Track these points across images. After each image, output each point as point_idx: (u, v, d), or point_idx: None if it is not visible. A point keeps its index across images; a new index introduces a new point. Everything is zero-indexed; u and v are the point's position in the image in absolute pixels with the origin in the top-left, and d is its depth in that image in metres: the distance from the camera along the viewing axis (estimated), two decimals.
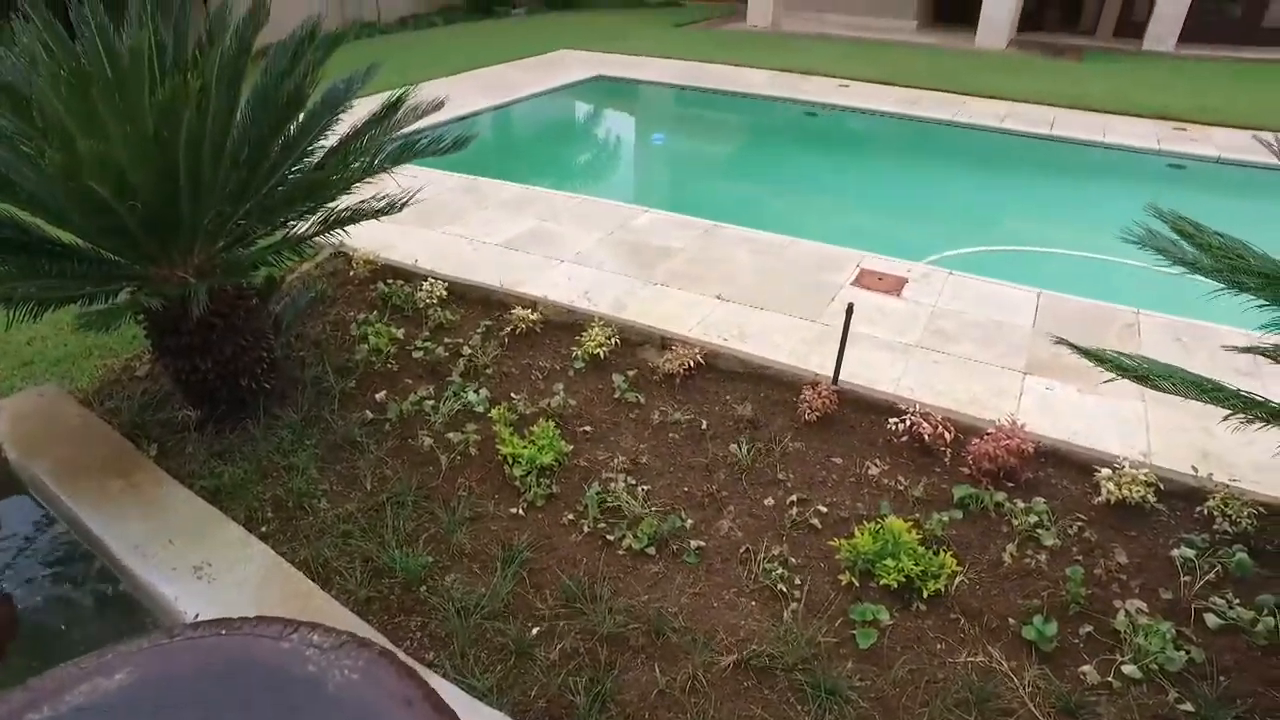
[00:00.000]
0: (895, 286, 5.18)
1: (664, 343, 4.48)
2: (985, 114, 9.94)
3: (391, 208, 3.61)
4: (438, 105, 4.12)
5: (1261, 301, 2.41)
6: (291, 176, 3.87)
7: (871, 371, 4.25)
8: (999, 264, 6.14)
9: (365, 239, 5.32)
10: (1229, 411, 2.20)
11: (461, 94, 10.22)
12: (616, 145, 10.80)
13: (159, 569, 3.11)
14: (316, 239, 3.72)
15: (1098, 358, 2.33)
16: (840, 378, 4.05)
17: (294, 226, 3.70)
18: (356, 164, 3.71)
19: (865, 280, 5.25)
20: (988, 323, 4.84)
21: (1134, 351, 4.73)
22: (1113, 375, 2.32)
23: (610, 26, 16.54)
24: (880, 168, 9.43)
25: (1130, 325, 4.94)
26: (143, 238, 3.34)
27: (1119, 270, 5.76)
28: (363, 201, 3.61)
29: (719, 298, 4.97)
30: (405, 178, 4.23)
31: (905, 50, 14.28)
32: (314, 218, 3.65)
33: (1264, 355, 2.01)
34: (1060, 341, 2.70)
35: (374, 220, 3.69)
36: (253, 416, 3.98)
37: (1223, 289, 2.55)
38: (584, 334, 4.48)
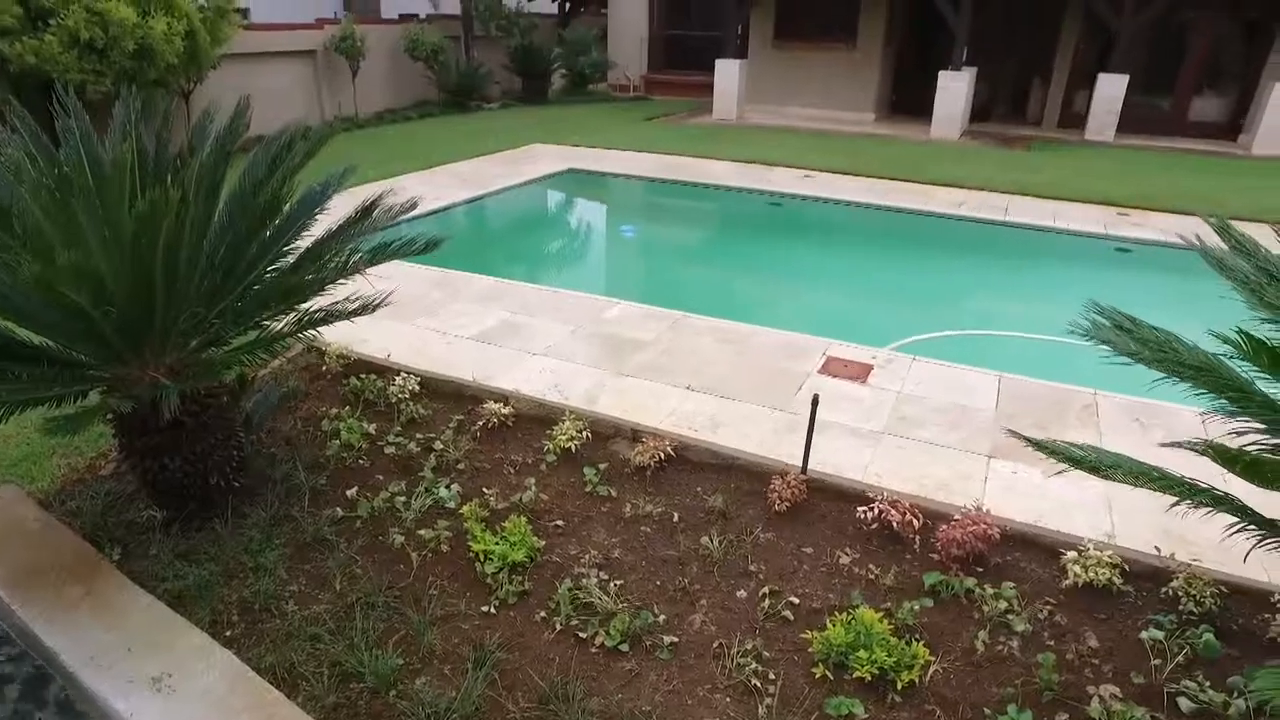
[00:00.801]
0: (861, 373, 5.31)
1: (635, 435, 4.53)
2: (943, 201, 10.38)
3: (365, 309, 3.68)
4: (411, 206, 4.24)
5: (1198, 390, 2.53)
6: (268, 277, 3.94)
7: (840, 459, 4.32)
8: (962, 348, 6.33)
9: (339, 333, 5.36)
10: (1175, 499, 2.29)
11: (437, 187, 10.50)
12: (587, 237, 11.08)
13: (114, 681, 3.02)
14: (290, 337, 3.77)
15: (1049, 450, 2.42)
16: (809, 466, 4.12)
17: (268, 327, 3.75)
18: (331, 265, 3.80)
19: (832, 368, 5.38)
20: (952, 407, 4.96)
21: (1095, 431, 4.93)
22: (1065, 466, 2.40)
23: (581, 121, 17.15)
24: (844, 255, 9.74)
25: (1089, 406, 5.08)
26: (116, 341, 3.38)
27: (1076, 352, 5.93)
28: (336, 302, 3.68)
29: (689, 388, 5.06)
30: (380, 272, 4.32)
31: (865, 141, 14.95)
32: (288, 318, 3.71)
33: (1190, 449, 2.11)
34: (1013, 434, 2.79)
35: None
36: (221, 515, 3.94)
37: (1163, 377, 2.68)
38: (556, 427, 4.52)
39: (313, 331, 3.75)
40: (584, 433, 4.49)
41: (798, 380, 5.21)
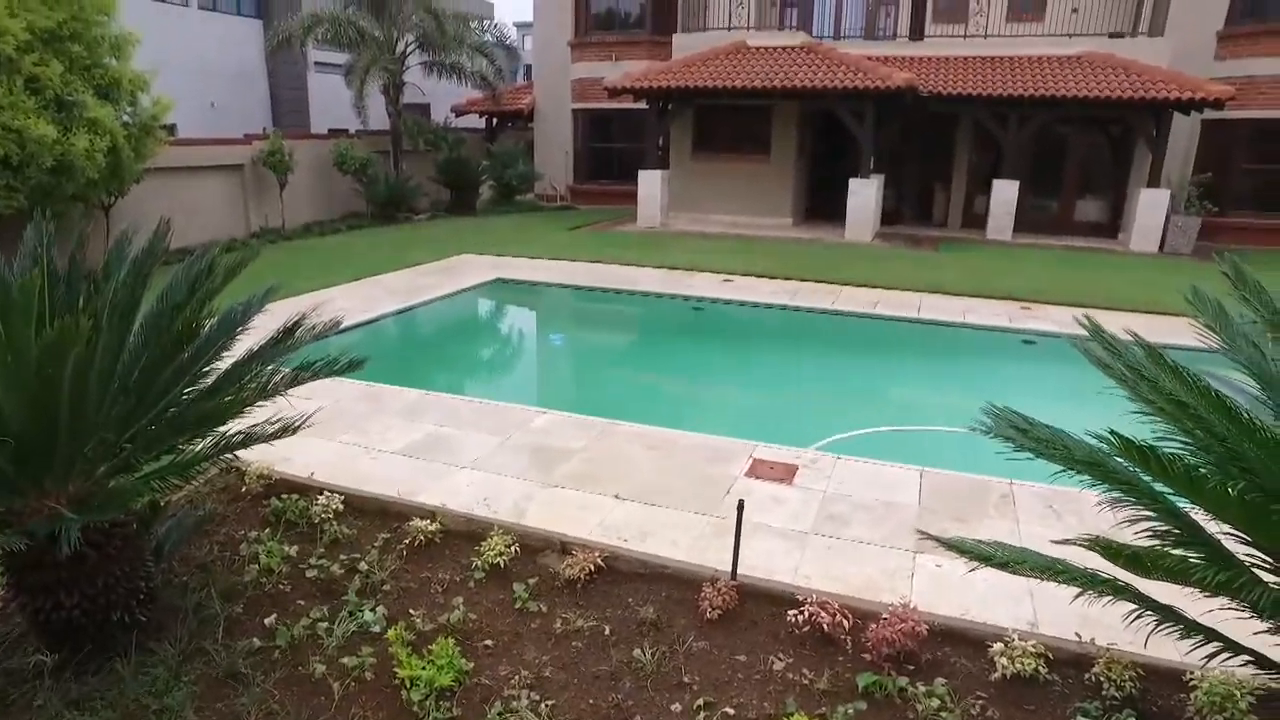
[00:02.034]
0: (787, 474, 5.41)
1: (564, 547, 4.49)
2: (859, 301, 10.87)
3: (286, 430, 3.63)
4: (334, 325, 4.25)
5: (1092, 480, 2.68)
6: (184, 400, 3.86)
7: (770, 562, 4.35)
8: (884, 444, 6.52)
9: (260, 452, 5.17)
10: (1078, 590, 2.39)
11: (365, 299, 10.50)
12: (515, 346, 11.17)
13: None
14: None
15: (960, 549, 2.51)
16: (739, 571, 4.13)
17: (183, 451, 3.64)
18: (252, 387, 3.75)
19: (758, 470, 5.47)
20: (876, 504, 5.08)
21: (1013, 519, 5.09)
22: (976, 565, 2.50)
23: (508, 231, 17.52)
24: (766, 357, 10.03)
25: (1006, 496, 5.28)
26: (11, 472, 3.23)
27: (991, 443, 6.22)
28: (257, 425, 3.62)
29: (617, 497, 5.06)
30: (305, 388, 4.25)
31: (783, 245, 15.65)
32: (205, 442, 3.62)
33: (1080, 546, 2.24)
34: (926, 537, 2.89)
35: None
36: (123, 654, 3.69)
37: (1061, 470, 2.84)
38: (484, 542, 4.44)
39: (231, 455, 3.66)
40: (512, 547, 4.42)
41: (725, 484, 5.28)
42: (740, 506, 4.00)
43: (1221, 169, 17.16)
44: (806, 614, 3.82)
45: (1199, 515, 2.49)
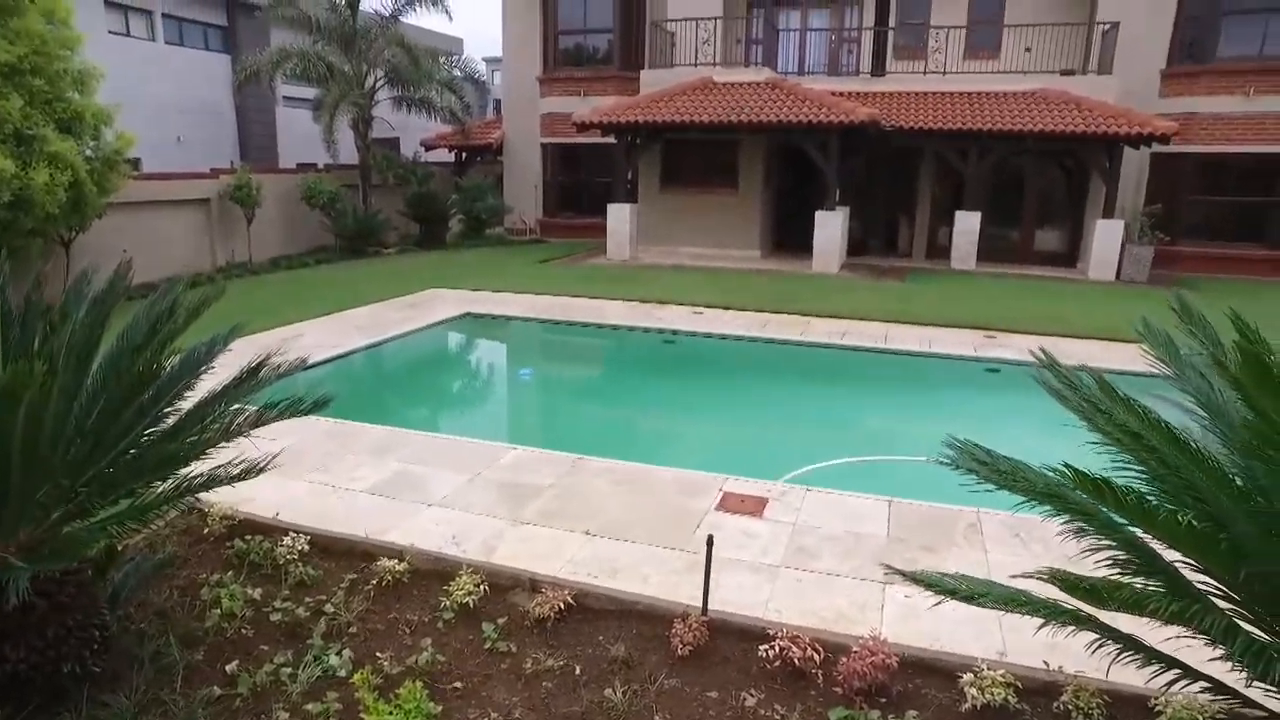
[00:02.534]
0: (757, 507, 5.42)
1: (534, 585, 4.45)
2: (827, 332, 10.99)
3: (249, 472, 3.57)
4: (301, 364, 4.22)
5: (1053, 510, 2.73)
6: (144, 442, 3.79)
7: (741, 596, 4.34)
8: (853, 475, 6.57)
9: (223, 492, 5.07)
10: (1041, 621, 2.42)
11: (333, 334, 10.42)
12: (485, 382, 11.11)
13: None
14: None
15: (925, 583, 2.54)
16: (710, 607, 4.12)
17: (142, 495, 3.57)
18: (215, 427, 3.69)
19: (728, 503, 5.48)
20: (846, 536, 5.11)
21: (980, 549, 5.14)
22: (941, 598, 2.52)
23: (477, 265, 17.52)
24: (736, 389, 10.08)
25: (973, 525, 5.33)
26: None
27: (957, 472, 6.30)
28: (219, 466, 3.56)
29: (587, 533, 5.04)
30: (270, 425, 4.20)
31: (751, 277, 15.81)
32: (165, 485, 3.55)
33: (1038, 579, 2.28)
34: (891, 571, 2.92)
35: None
36: (74, 709, 3.56)
37: (1024, 500, 2.88)
38: (453, 582, 4.39)
39: (192, 497, 3.59)
40: (481, 586, 4.37)
41: (695, 518, 5.27)
42: (710, 542, 4.00)
43: (1171, 200, 17.74)
44: (778, 649, 3.81)
45: (1157, 543, 2.55)
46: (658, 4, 20.98)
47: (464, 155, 25.38)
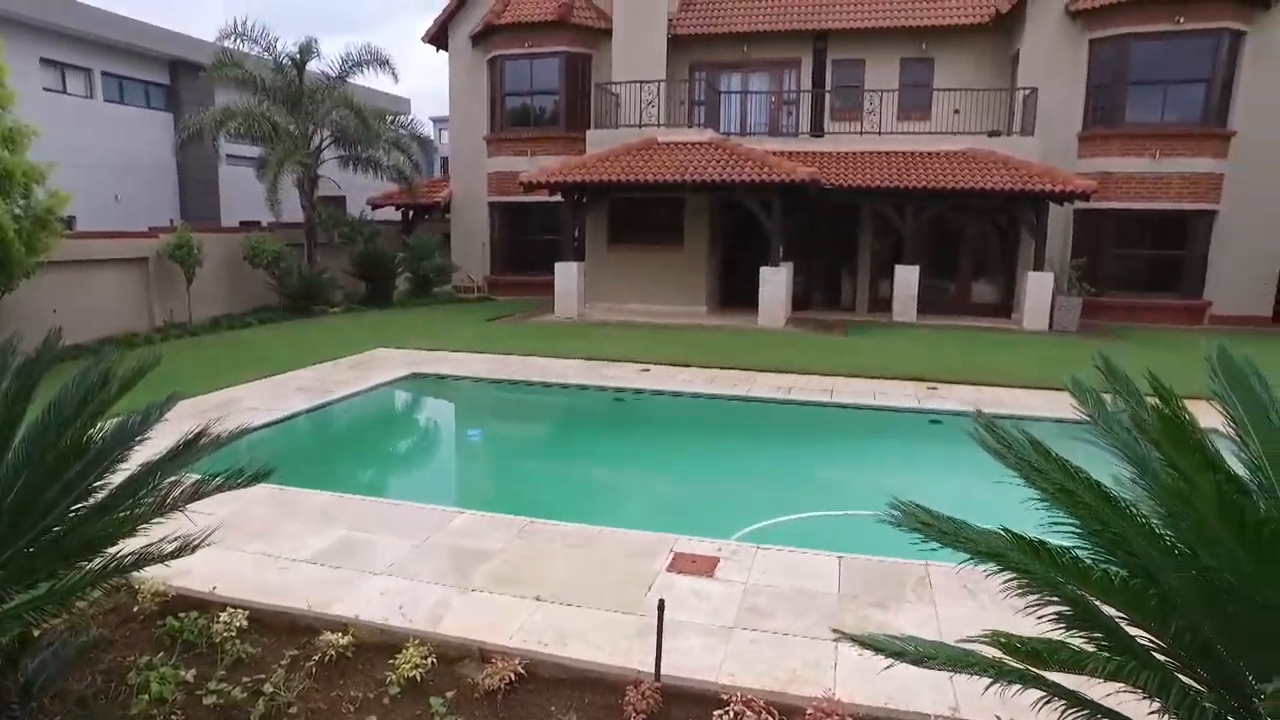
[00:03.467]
0: (708, 567, 5.40)
1: (483, 655, 4.34)
2: (773, 387, 11.14)
3: (184, 549, 3.44)
4: (241, 433, 4.11)
5: (996, 568, 2.78)
6: (71, 517, 3.62)
7: (694, 659, 4.30)
8: (803, 531, 6.61)
9: (156, 566, 4.91)
10: (989, 680, 2.45)
11: (275, 397, 10.18)
12: (432, 443, 10.91)
13: None
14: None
15: (874, 647, 2.55)
16: (663, 672, 4.06)
17: (65, 577, 3.40)
18: (148, 502, 3.56)
19: (679, 564, 5.45)
20: (798, 594, 5.11)
21: (930, 602, 5.19)
22: (890, 661, 2.54)
23: (426, 323, 17.39)
24: (684, 446, 10.10)
25: (922, 578, 5.39)
26: None
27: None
28: (152, 543, 3.42)
29: (538, 599, 4.95)
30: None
31: (699, 333, 15.99)
32: (92, 565, 3.39)
33: (981, 642, 2.33)
34: (841, 636, 2.93)
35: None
36: None
37: (969, 558, 2.94)
38: (399, 655, 4.25)
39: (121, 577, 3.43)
40: (429, 658, 4.24)
41: (646, 580, 5.23)
42: (661, 606, 3.97)
43: (1095, 253, 18.65)
44: (732, 714, 3.77)
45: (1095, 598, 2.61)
46: (602, 66, 21.54)
47: (411, 214, 25.38)
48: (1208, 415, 2.86)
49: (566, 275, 18.28)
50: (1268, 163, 18.32)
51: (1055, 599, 2.70)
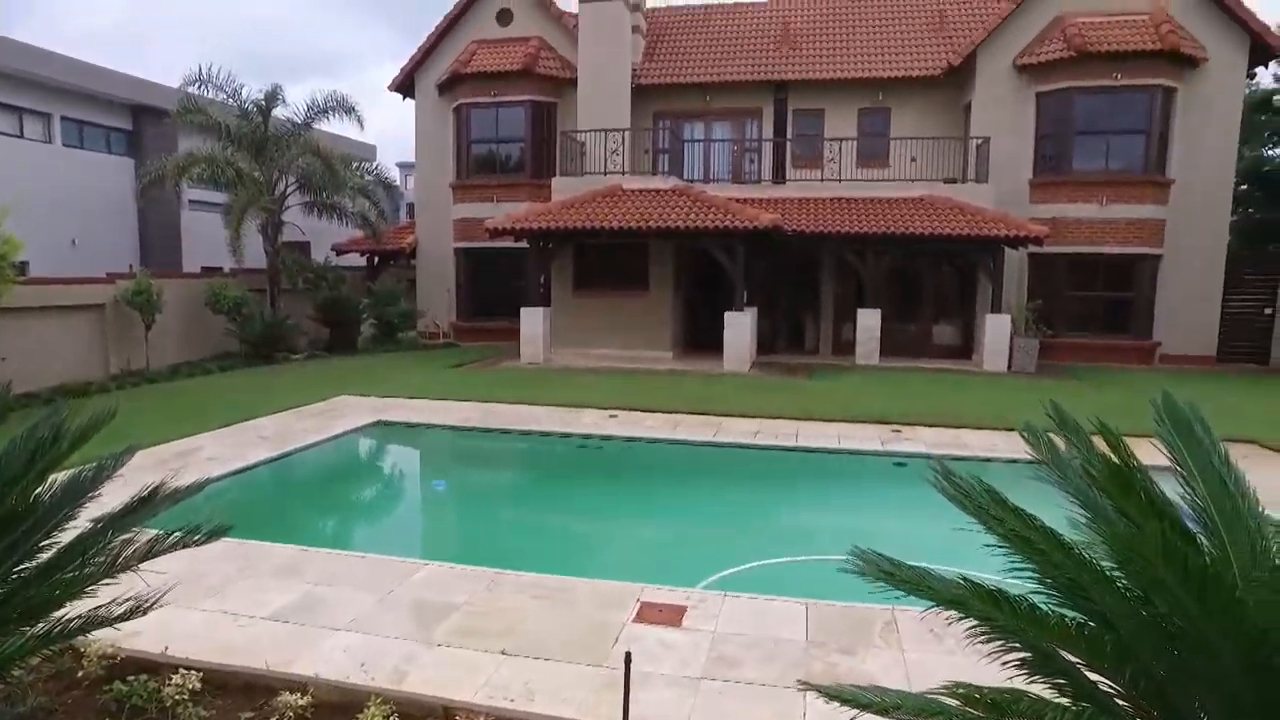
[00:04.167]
0: (676, 617, 5.36)
1: (448, 713, 4.24)
2: (739, 432, 11.18)
3: (135, 611, 3.34)
4: (199, 488, 4.03)
5: (959, 615, 2.81)
6: (14, 579, 3.50)
7: (661, 712, 4.24)
8: (770, 578, 6.60)
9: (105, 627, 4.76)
10: None
11: (235, 446, 9.98)
12: (396, 493, 10.73)
13: None
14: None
15: (840, 698, 2.56)
16: None
17: (2, 644, 3.27)
18: (99, 561, 3.45)
19: (646, 614, 5.40)
20: (766, 641, 5.09)
21: (898, 647, 5.20)
22: (857, 712, 2.54)
23: (390, 370, 17.24)
24: (651, 493, 10.05)
25: (889, 623, 5.40)
26: None
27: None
28: (100, 606, 3.32)
29: (504, 653, 4.86)
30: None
31: (664, 378, 16.05)
32: (34, 629, 3.27)
33: (942, 694, 2.35)
34: (806, 686, 2.93)
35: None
36: None
37: (933, 605, 2.97)
38: (360, 715, 4.14)
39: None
40: (391, 718, 4.14)
41: (614, 631, 5.17)
42: (628, 659, 3.92)
43: (1050, 296, 19.19)
44: None
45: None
46: (567, 114, 21.89)
47: (377, 259, 25.33)
48: (1159, 453, 2.95)
49: (532, 321, 18.31)
50: (1202, 209, 19.29)
51: (1017, 645, 2.74)
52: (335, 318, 21.30)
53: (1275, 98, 25.00)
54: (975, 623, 2.79)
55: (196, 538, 3.56)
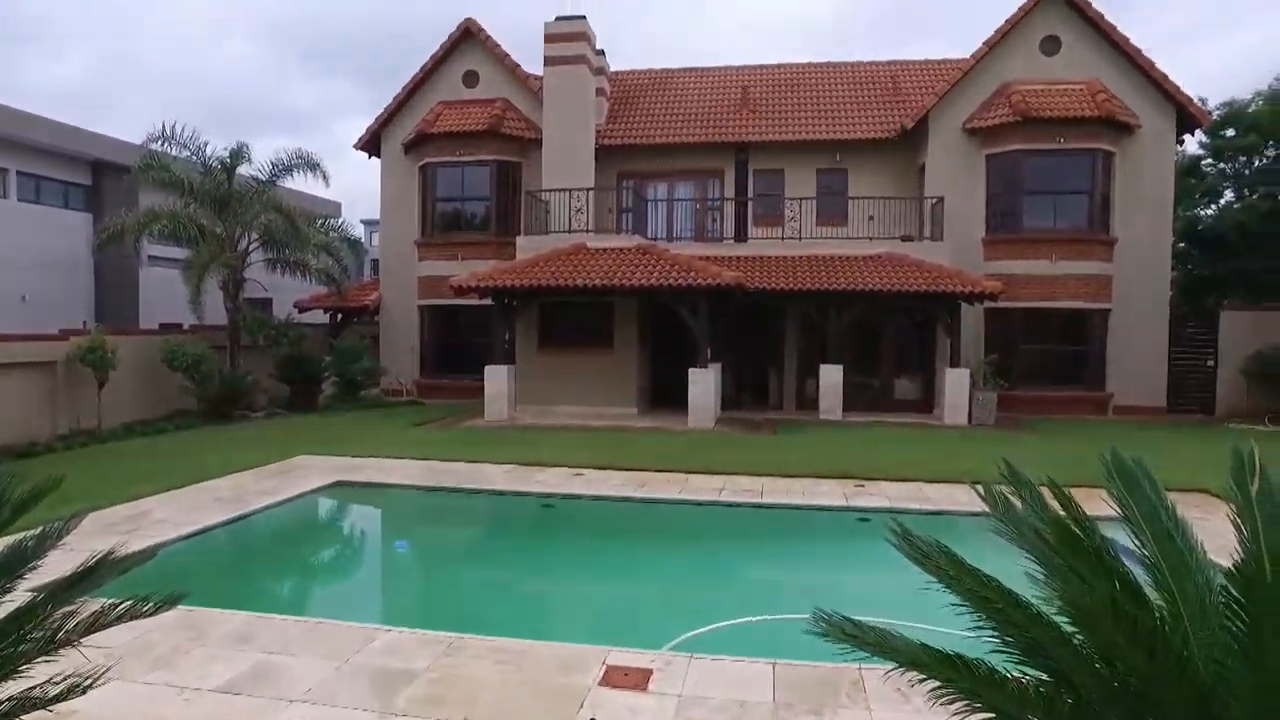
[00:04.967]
0: (642, 680, 5.27)
1: None
2: (705, 489, 11.15)
3: (73, 691, 3.20)
4: (148, 556, 3.92)
5: (923, 676, 2.82)
6: None
7: None
8: (736, 638, 6.51)
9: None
10: None
11: (188, 509, 9.70)
12: (356, 556, 10.45)
13: None
14: None
15: None
16: None
17: None
18: (37, 637, 3.31)
19: (612, 678, 5.30)
20: (733, 704, 5.01)
21: (865, 707, 5.16)
22: None
23: (352, 429, 16.98)
24: (617, 552, 9.93)
25: (856, 682, 5.36)
26: None
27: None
28: (35, 685, 3.17)
29: None
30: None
31: (629, 435, 16.01)
32: None
33: None
34: None
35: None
36: None
37: (897, 665, 2.97)
38: None
39: None
40: None
41: (579, 696, 5.06)
42: None
43: (1006, 350, 19.68)
44: None
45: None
46: (532, 174, 22.21)
47: (340, 316, 25.16)
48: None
49: (497, 378, 18.24)
50: (1145, 266, 20.14)
51: (980, 705, 2.75)
52: (296, 375, 20.99)
53: (1203, 163, 26.55)
54: (938, 685, 2.81)
55: (145, 608, 3.44)
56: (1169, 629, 2.37)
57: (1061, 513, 2.50)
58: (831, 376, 18.54)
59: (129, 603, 3.48)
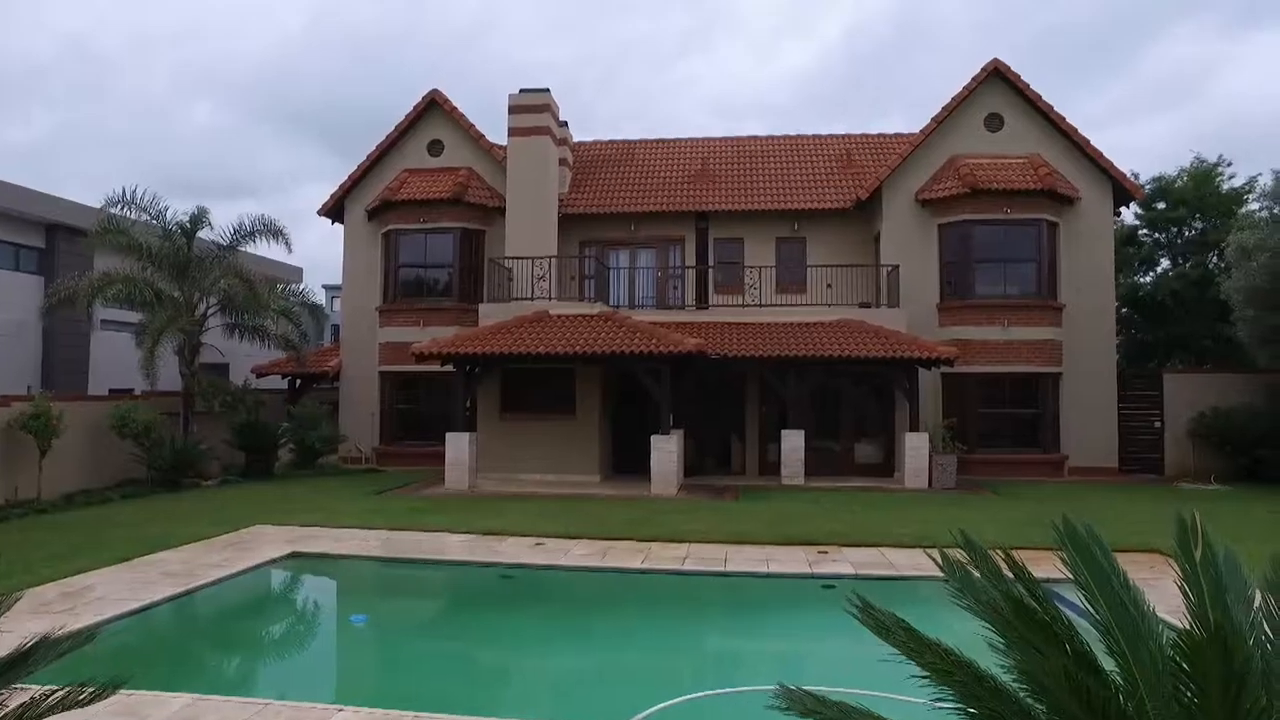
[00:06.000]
0: None
1: None
2: (668, 558, 11.02)
3: None
4: (87, 639, 3.76)
5: None
6: None
7: None
8: (700, 711, 6.40)
9: None
10: None
11: (134, 584, 9.33)
12: (311, 632, 10.06)
13: None
14: None
15: None
16: None
17: None
18: None
19: None
20: None
21: None
22: None
23: (309, 497, 16.57)
24: (578, 624, 9.73)
25: None
26: None
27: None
28: None
29: None
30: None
31: (592, 503, 15.82)
32: None
33: None
34: None
35: None
36: None
37: None
38: None
39: None
40: None
41: None
42: None
43: (963, 414, 20.03)
44: None
45: None
46: (495, 241, 22.42)
47: (299, 382, 24.79)
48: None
49: (458, 445, 18.02)
50: (1089, 331, 20.84)
51: None
52: (252, 442, 20.51)
53: (1139, 233, 27.94)
54: None
55: (82, 696, 3.27)
56: (1124, 695, 2.41)
57: (1016, 584, 2.54)
58: (793, 441, 18.66)
59: (63, 691, 3.32)
